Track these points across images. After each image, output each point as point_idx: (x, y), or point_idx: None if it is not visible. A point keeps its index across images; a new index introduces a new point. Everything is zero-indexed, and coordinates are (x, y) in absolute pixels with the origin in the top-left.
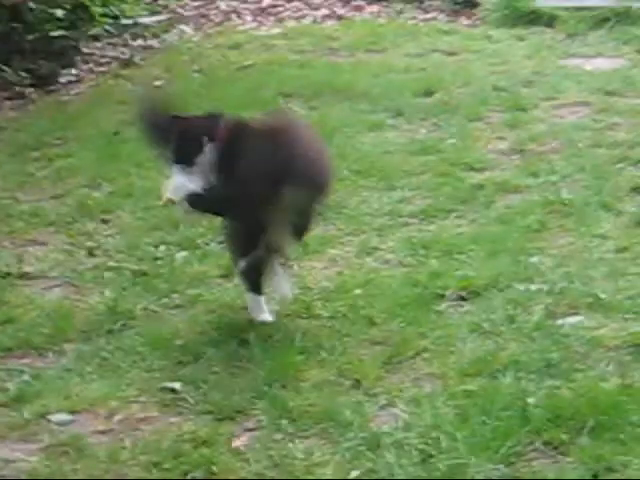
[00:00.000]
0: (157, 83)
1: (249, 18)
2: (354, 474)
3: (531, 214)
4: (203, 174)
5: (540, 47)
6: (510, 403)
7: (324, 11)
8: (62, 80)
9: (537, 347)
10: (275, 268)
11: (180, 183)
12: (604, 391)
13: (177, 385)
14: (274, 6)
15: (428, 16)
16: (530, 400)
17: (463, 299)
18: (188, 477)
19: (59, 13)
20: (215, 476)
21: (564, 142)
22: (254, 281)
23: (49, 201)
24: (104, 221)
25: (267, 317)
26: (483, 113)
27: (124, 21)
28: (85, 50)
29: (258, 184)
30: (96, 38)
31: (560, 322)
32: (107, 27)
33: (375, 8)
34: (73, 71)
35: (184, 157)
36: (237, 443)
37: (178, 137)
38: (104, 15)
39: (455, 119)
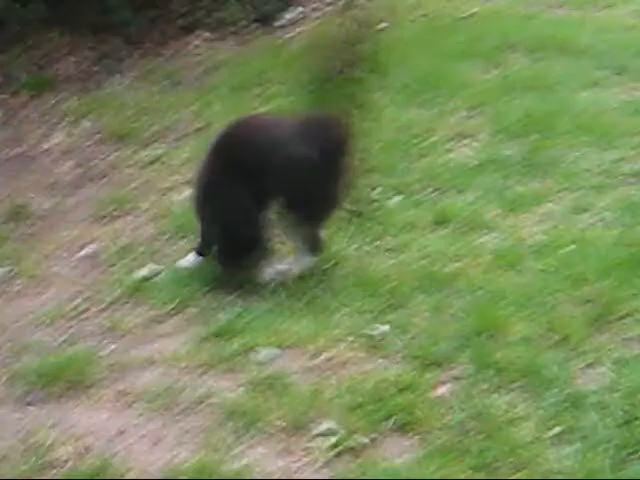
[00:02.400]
0: (380, 26)
1: None
2: (556, 430)
3: None
4: None
5: None
6: None
7: None
8: (287, 17)
9: None
10: None
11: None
12: None
13: (385, 328)
14: None
15: None
16: None
17: None
18: (390, 421)
19: None
20: (416, 422)
21: None
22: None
23: None
24: None
25: None
26: None
27: None
28: None
29: None
30: None
31: None
32: None
33: None
34: (298, 9)
35: None
36: (440, 390)
37: None
38: None
39: None
